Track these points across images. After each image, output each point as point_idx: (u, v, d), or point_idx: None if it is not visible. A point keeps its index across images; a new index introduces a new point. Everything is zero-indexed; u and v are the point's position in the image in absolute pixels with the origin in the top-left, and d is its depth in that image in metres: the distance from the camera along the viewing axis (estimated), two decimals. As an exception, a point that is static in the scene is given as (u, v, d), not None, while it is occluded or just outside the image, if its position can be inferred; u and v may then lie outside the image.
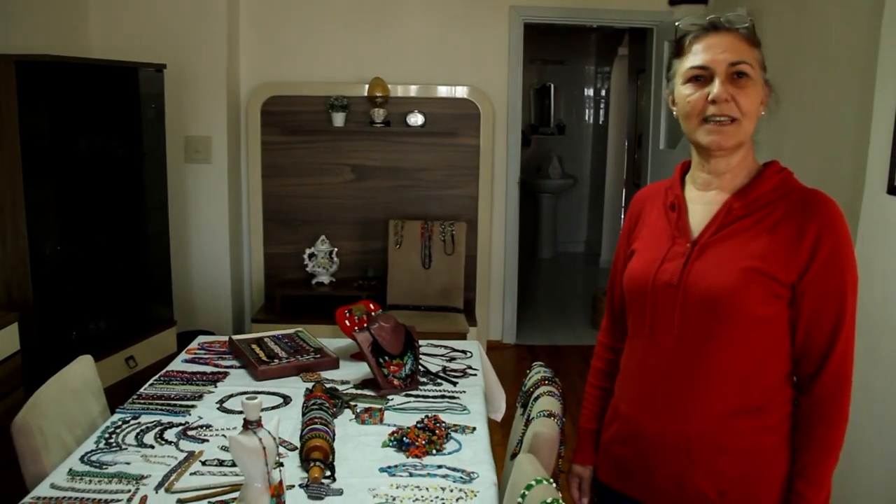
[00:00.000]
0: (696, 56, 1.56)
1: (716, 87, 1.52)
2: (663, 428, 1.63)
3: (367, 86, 5.07)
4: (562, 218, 8.73)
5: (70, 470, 1.89)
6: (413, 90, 5.21)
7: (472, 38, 5.28)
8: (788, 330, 1.55)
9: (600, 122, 8.58)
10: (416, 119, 5.16)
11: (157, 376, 2.53)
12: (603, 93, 8.57)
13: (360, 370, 2.60)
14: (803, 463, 1.56)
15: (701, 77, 1.55)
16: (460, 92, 5.21)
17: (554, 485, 1.62)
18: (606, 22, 5.70)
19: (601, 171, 8.10)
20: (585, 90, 8.78)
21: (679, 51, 1.61)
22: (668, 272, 1.61)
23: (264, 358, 2.62)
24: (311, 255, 5.15)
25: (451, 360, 2.78)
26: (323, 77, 5.20)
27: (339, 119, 5.09)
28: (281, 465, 1.87)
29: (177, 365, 2.64)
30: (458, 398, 2.41)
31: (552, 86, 8.69)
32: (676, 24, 1.63)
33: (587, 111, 8.83)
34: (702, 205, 1.64)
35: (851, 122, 3.43)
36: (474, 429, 2.19)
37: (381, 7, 5.21)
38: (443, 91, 5.21)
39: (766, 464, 1.58)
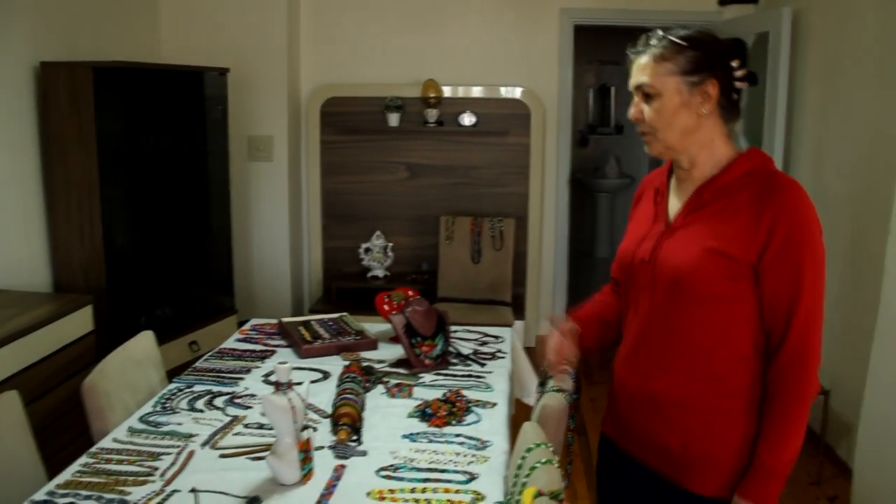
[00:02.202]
0: (629, 82, 1.79)
1: (630, 109, 1.78)
2: (640, 385, 1.84)
3: (420, 87, 5.28)
4: (619, 218, 8.79)
5: (130, 428, 2.15)
6: (465, 91, 5.40)
7: (523, 40, 5.44)
8: (755, 306, 1.69)
9: (658, 123, 8.62)
10: (468, 119, 5.35)
11: (212, 352, 2.78)
12: (661, 93, 8.60)
13: (396, 351, 2.80)
14: (766, 430, 1.70)
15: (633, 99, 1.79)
16: (512, 93, 5.38)
17: (551, 448, 1.79)
18: (656, 23, 5.68)
19: (658, 170, 8.14)
20: (644, 90, 8.81)
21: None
22: (644, 250, 1.82)
23: (308, 338, 2.85)
24: (367, 250, 5.39)
25: (483, 343, 2.96)
26: (379, 79, 5.44)
27: (394, 119, 5.31)
28: (314, 429, 2.09)
29: (230, 343, 2.90)
30: (484, 378, 2.59)
31: (612, 86, 8.76)
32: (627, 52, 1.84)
33: (645, 111, 8.87)
34: (680, 192, 1.83)
35: (891, 119, 3.50)
36: (495, 404, 2.37)
37: (434, 11, 5.42)
38: (495, 92, 5.39)
39: (726, 425, 1.74)
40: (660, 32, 1.74)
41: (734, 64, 1.72)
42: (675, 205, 1.83)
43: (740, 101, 1.76)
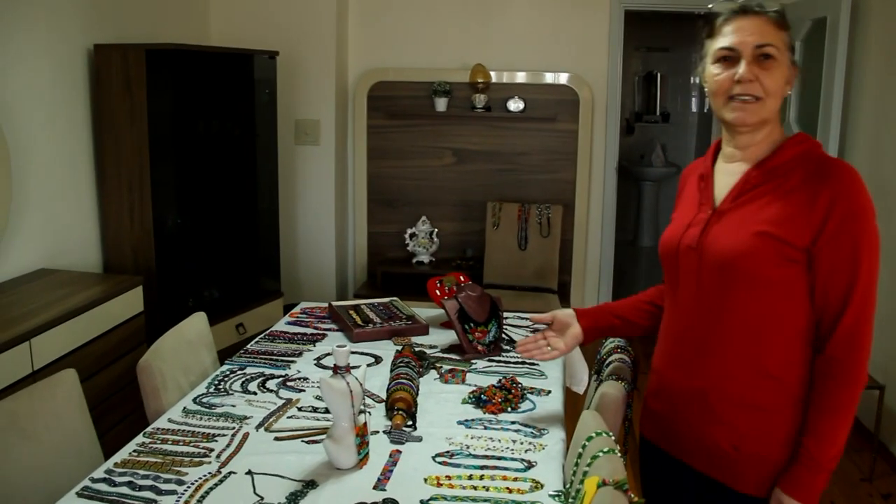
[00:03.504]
0: (726, 38, 1.66)
1: (741, 68, 1.63)
2: (685, 382, 1.77)
3: (469, 72, 5.24)
4: (664, 206, 8.69)
5: (184, 408, 2.15)
6: (514, 76, 5.34)
7: (572, 25, 5.37)
8: (807, 293, 1.63)
9: (705, 111, 8.49)
10: (516, 105, 5.30)
11: (263, 335, 2.78)
12: (709, 81, 8.46)
13: (447, 337, 2.77)
14: (813, 420, 1.63)
15: (729, 58, 1.66)
16: (560, 78, 5.32)
17: (612, 437, 1.75)
18: (708, 8, 5.68)
19: (705, 159, 8.01)
20: (691, 78, 8.69)
21: (710, 32, 1.72)
22: (690, 236, 1.75)
23: (360, 322, 2.83)
24: (412, 235, 5.37)
25: (535, 331, 2.90)
26: (427, 63, 5.40)
27: (441, 104, 5.28)
28: (368, 413, 2.07)
29: (280, 326, 2.89)
30: (537, 365, 2.55)
31: (658, 74, 8.65)
32: (710, 6, 1.73)
33: (692, 99, 8.75)
34: (726, 175, 1.76)
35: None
36: (549, 392, 2.33)
37: (483, -5, 5.37)
38: (543, 77, 5.33)
39: (780, 423, 1.67)
40: (772, 2, 1.66)
41: None
42: (721, 188, 1.76)
43: None
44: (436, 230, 5.38)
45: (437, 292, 2.86)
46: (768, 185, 1.66)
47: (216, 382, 2.33)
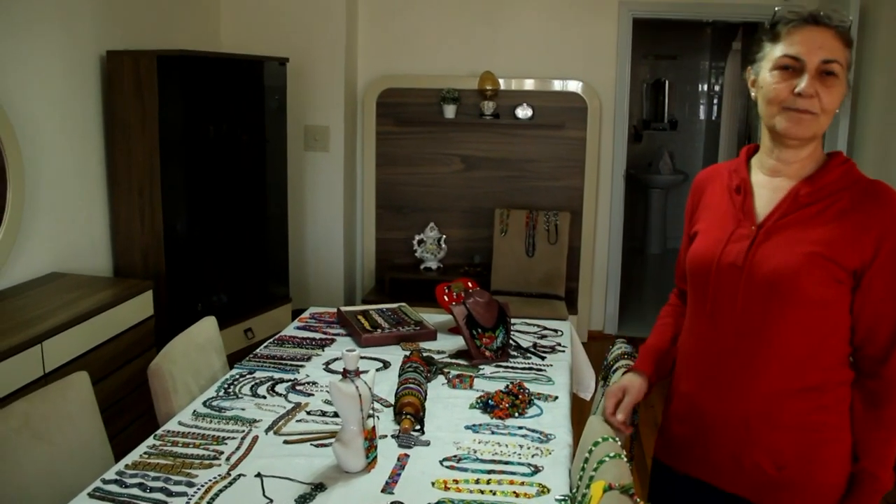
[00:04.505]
0: (791, 46, 1.58)
1: (804, 82, 1.56)
2: (722, 405, 1.70)
3: (477, 79, 5.26)
4: (672, 214, 8.69)
5: (194, 411, 2.17)
6: (522, 84, 5.36)
7: (581, 33, 5.39)
8: (849, 314, 1.62)
9: (713, 119, 8.51)
10: (524, 112, 5.32)
11: (272, 339, 2.80)
12: (716, 88, 8.49)
13: (455, 342, 2.79)
14: (872, 442, 1.62)
15: (790, 67, 1.59)
16: (569, 86, 5.34)
17: (619, 442, 1.76)
18: (717, 16, 5.71)
19: (713, 167, 8.01)
20: (699, 86, 8.71)
21: (774, 36, 1.64)
22: (733, 253, 1.67)
23: (368, 327, 2.85)
24: (421, 241, 5.39)
25: (542, 337, 2.94)
26: (436, 70, 5.43)
27: (450, 111, 5.30)
28: (377, 417, 2.09)
29: (289, 331, 2.91)
30: (544, 371, 2.57)
31: (666, 81, 8.66)
32: (776, 8, 1.65)
33: (700, 107, 8.76)
34: (768, 190, 1.70)
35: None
36: (556, 398, 2.34)
37: (492, 2, 5.39)
38: (551, 85, 5.35)
39: (824, 442, 1.64)
40: (836, 12, 1.59)
41: None
42: (763, 204, 1.70)
43: None
44: (444, 236, 5.40)
45: (446, 298, 2.88)
46: (818, 206, 1.63)
47: (226, 386, 2.35)
